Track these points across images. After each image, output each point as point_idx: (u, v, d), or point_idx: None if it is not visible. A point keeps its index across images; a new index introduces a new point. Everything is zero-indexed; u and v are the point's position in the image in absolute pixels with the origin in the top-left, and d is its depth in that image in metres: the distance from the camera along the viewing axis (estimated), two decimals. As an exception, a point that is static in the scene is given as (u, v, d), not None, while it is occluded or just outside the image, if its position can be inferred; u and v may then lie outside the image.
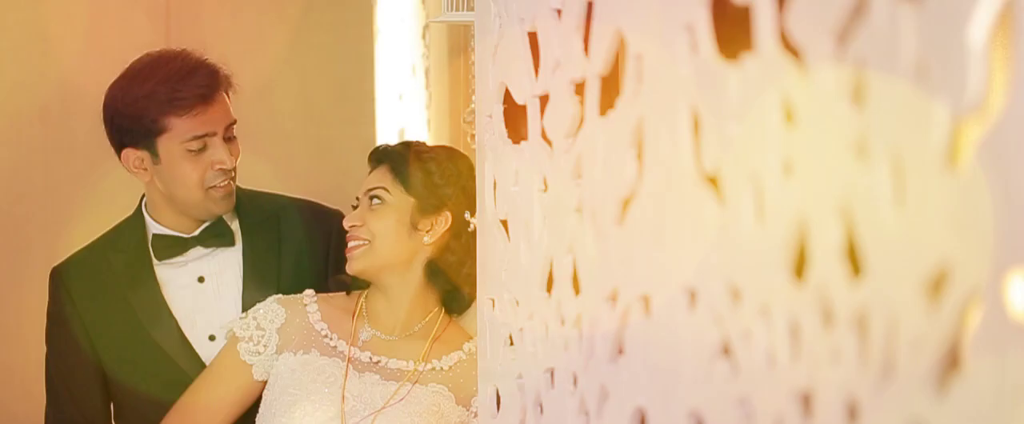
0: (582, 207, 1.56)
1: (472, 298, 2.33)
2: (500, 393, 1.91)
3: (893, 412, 0.90)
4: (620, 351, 1.44)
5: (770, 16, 1.07)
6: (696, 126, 1.25)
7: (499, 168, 1.89)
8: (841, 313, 0.96)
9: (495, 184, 1.96)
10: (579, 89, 1.64)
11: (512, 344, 1.88)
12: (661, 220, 1.32)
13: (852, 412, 0.95)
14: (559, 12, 1.67)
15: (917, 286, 0.87)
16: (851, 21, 0.94)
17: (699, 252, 1.22)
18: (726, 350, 1.17)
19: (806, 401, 1.02)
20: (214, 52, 2.64)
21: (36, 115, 4.36)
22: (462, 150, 2.46)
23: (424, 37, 2.87)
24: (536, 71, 1.77)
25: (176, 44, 4.54)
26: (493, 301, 1.95)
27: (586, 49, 1.58)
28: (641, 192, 1.38)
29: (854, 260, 0.96)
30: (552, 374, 1.71)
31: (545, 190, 1.72)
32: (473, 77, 2.49)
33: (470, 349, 2.31)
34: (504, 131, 1.89)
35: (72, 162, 4.41)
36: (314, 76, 4.26)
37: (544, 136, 1.74)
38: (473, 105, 2.48)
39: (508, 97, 1.96)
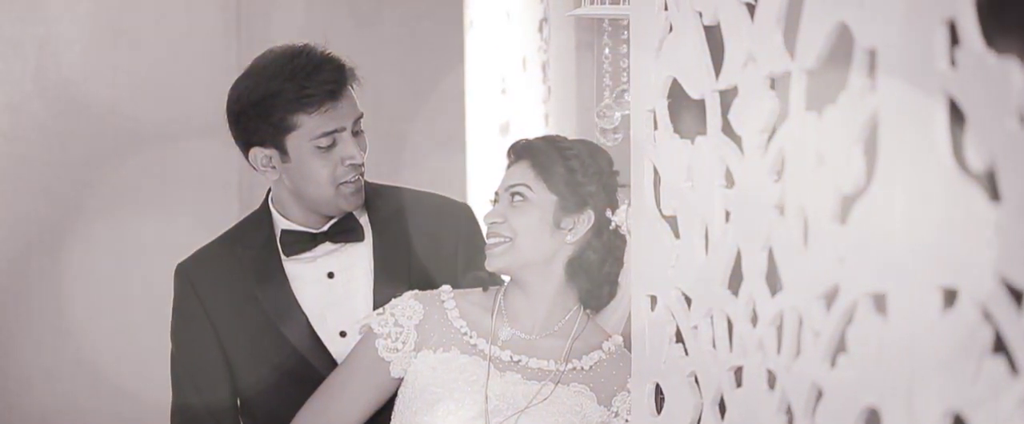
0: (784, 203, 1.54)
1: (611, 296, 2.30)
2: (664, 392, 1.88)
3: None
4: (841, 350, 1.42)
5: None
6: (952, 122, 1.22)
7: (665, 164, 1.86)
8: None
9: (655, 180, 1.94)
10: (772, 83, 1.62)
11: (679, 342, 1.85)
12: (901, 217, 1.29)
13: None
14: (750, 6, 1.65)
15: None
16: None
17: (961, 249, 1.20)
18: (999, 349, 1.15)
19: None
20: (282, 44, 2.60)
21: (106, 107, 4.34)
22: (589, 144, 2.42)
23: (541, 31, 2.84)
24: (714, 66, 1.75)
25: (245, 36, 4.56)
26: (652, 298, 1.93)
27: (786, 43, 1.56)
28: (872, 188, 1.35)
29: None
30: (737, 373, 1.69)
31: (730, 186, 1.69)
32: (606, 72, 2.46)
33: (609, 348, 2.28)
34: (670, 126, 1.87)
35: (140, 153, 4.39)
36: (386, 70, 4.23)
37: (726, 131, 1.71)
38: (607, 100, 2.46)
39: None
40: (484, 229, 2.36)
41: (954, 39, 1.22)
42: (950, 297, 1.24)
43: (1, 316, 4.32)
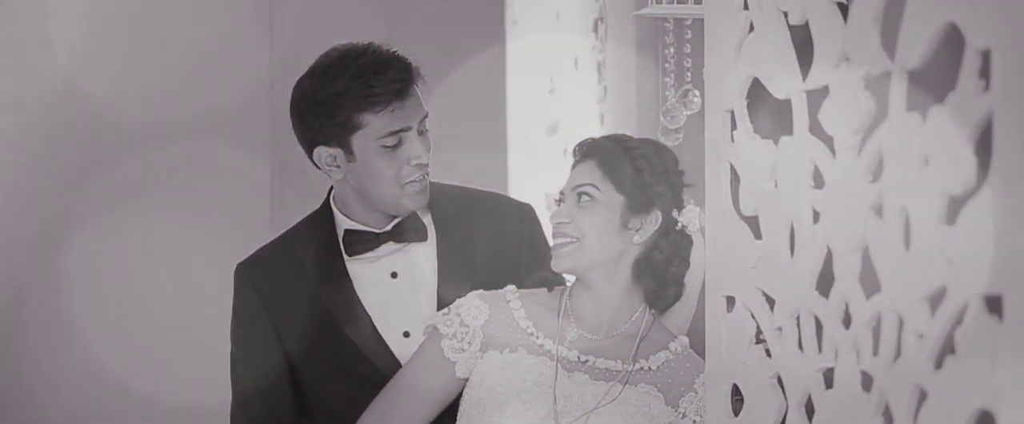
0: (883, 205, 1.53)
1: (677, 297, 2.29)
2: (744, 394, 1.87)
3: None
4: (951, 351, 1.41)
5: None
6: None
7: (744, 164, 1.85)
8: None
9: (731, 180, 1.93)
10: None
11: (760, 343, 1.84)
12: (1021, 217, 1.28)
13: None
14: (842, 5, 1.64)
15: None
16: None
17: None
18: None
19: None
20: (315, 43, 2.59)
21: (137, 107, 4.33)
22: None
23: (596, 30, 2.84)
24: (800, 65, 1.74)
25: (278, 32, 4.54)
26: (729, 300, 1.92)
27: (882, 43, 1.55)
28: (985, 189, 1.34)
29: None
30: (827, 374, 1.68)
31: (818, 187, 1.68)
32: (668, 71, 2.45)
33: (676, 348, 2.27)
34: (750, 126, 1.86)
35: (171, 153, 4.37)
36: (422, 68, 4.20)
37: (814, 132, 1.70)
38: (671, 99, 2.45)
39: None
40: (548, 229, 2.35)
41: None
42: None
43: (30, 316, 4.30)
